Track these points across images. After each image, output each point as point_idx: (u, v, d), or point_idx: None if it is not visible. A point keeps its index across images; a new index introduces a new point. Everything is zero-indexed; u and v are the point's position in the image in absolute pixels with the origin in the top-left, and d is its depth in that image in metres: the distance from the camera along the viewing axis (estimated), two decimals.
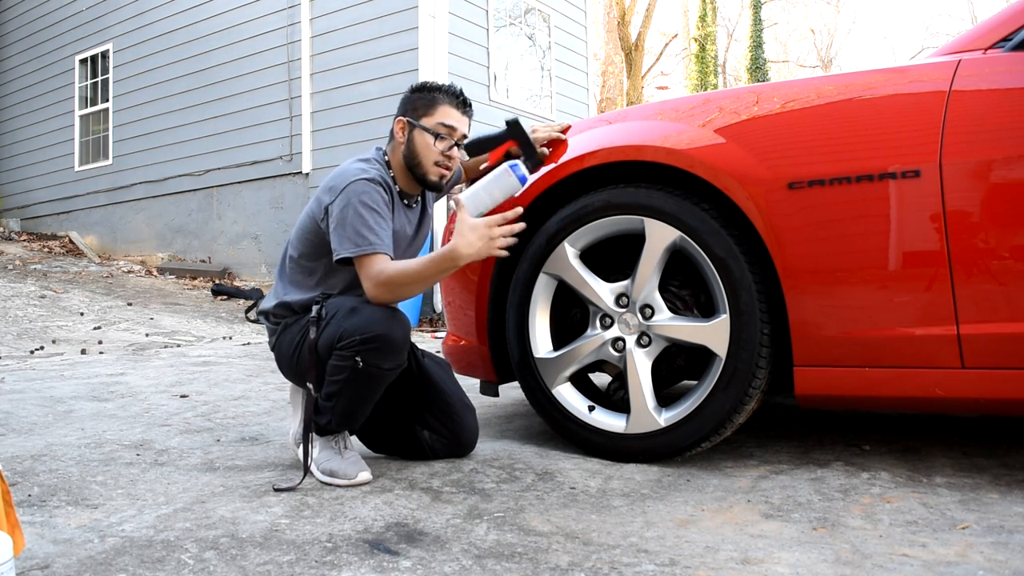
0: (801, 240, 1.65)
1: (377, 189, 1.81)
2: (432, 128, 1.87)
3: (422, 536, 1.42)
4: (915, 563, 1.26)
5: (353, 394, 1.77)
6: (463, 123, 1.91)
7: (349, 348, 1.71)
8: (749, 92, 1.85)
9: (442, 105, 1.89)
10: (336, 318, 1.75)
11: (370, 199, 1.78)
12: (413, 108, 1.91)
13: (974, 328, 1.52)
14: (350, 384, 1.74)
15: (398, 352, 1.74)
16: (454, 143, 1.89)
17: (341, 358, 1.72)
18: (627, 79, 19.64)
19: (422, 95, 1.91)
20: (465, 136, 1.93)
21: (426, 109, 1.89)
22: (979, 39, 1.66)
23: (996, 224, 1.51)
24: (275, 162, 7.75)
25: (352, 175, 1.81)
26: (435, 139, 1.87)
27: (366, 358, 1.71)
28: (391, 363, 1.74)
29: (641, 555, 1.31)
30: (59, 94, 10.06)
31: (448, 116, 1.88)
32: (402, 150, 1.90)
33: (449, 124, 1.88)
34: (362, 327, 1.70)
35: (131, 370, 3.72)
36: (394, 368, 1.76)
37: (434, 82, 1.96)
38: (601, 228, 1.94)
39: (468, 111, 1.94)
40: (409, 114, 1.91)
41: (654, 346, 1.88)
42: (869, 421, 2.35)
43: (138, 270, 8.40)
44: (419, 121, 1.88)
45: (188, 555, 1.33)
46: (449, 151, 1.88)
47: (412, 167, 1.89)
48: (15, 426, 2.41)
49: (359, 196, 1.77)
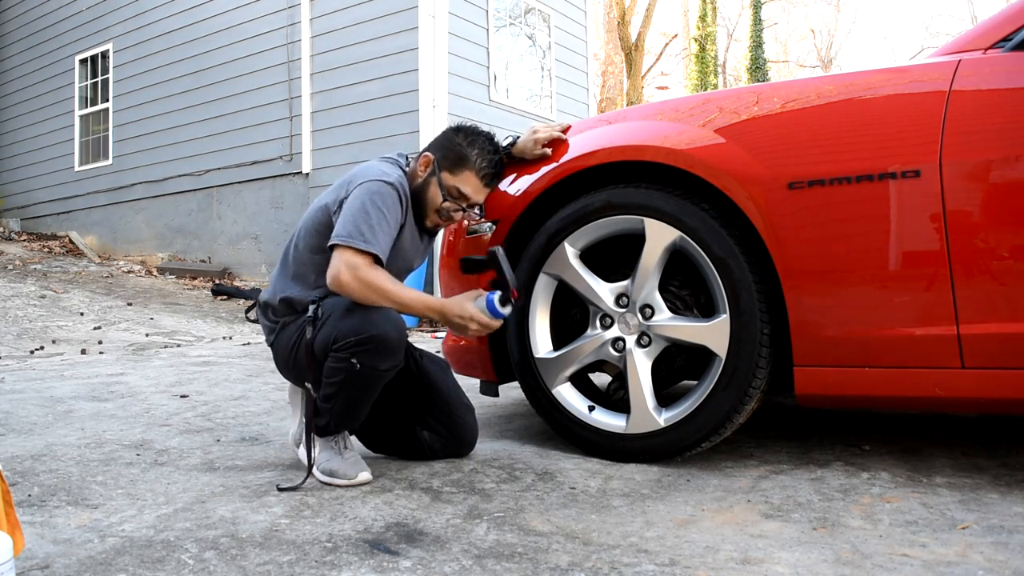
0: (801, 240, 1.65)
1: (393, 194, 1.80)
2: (447, 187, 1.87)
3: (422, 536, 1.42)
4: (915, 563, 1.26)
5: (350, 395, 1.77)
6: (480, 195, 1.92)
7: (345, 349, 1.70)
8: (749, 92, 1.85)
9: (468, 171, 1.87)
10: (332, 319, 1.74)
11: (382, 201, 1.78)
12: (444, 155, 1.89)
13: (974, 328, 1.52)
14: (347, 385, 1.74)
15: (394, 353, 1.74)
16: (461, 209, 1.90)
17: (337, 359, 1.72)
18: (627, 79, 19.64)
19: (458, 147, 1.89)
20: (477, 204, 1.94)
21: (452, 165, 1.88)
22: (979, 39, 1.65)
23: (996, 224, 1.51)
24: (275, 162, 7.75)
25: (373, 174, 1.81)
26: (444, 198, 1.87)
27: (362, 359, 1.70)
28: (387, 364, 1.74)
29: (641, 555, 1.31)
30: (59, 94, 10.06)
31: (467, 184, 1.88)
32: (417, 183, 1.90)
33: (464, 192, 1.88)
34: (357, 328, 1.69)
35: (131, 370, 3.72)
36: (390, 369, 1.76)
37: (477, 131, 1.92)
38: (601, 228, 1.94)
39: (492, 183, 1.94)
40: (438, 157, 1.89)
41: (654, 346, 1.88)
42: (869, 421, 2.35)
43: (138, 270, 8.40)
44: (441, 172, 1.88)
45: (188, 555, 1.33)
46: (454, 213, 1.90)
47: (415, 204, 1.90)
48: (15, 426, 2.41)
49: (372, 195, 1.77)
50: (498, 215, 2.10)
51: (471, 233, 2.16)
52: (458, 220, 1.94)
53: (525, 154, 2.09)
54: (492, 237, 2.09)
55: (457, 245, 2.22)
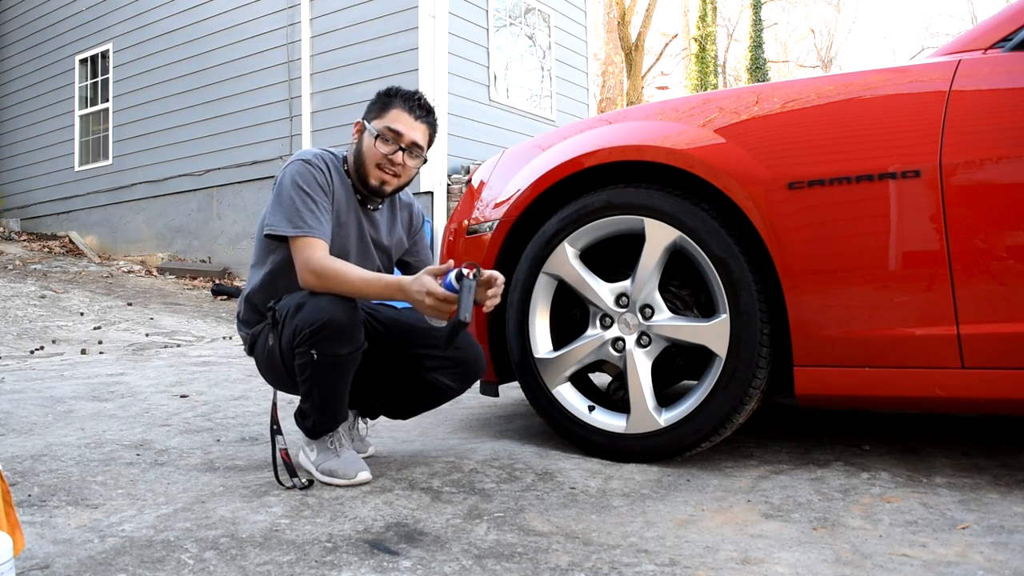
0: (801, 240, 1.65)
1: (312, 170, 1.79)
2: (379, 131, 1.82)
3: (422, 536, 1.42)
4: (915, 563, 1.26)
5: (322, 388, 1.75)
6: (415, 129, 1.83)
7: (303, 343, 1.69)
8: (749, 92, 1.85)
9: (394, 109, 1.83)
10: (288, 317, 1.73)
11: (303, 179, 1.77)
12: (369, 109, 1.88)
13: (974, 328, 1.52)
14: (315, 379, 1.73)
15: (349, 335, 1.69)
16: (399, 148, 1.82)
17: (300, 355, 1.71)
18: (627, 79, 19.65)
19: (380, 99, 1.88)
20: (415, 144, 1.84)
21: (379, 112, 1.85)
22: (979, 39, 1.65)
23: (996, 224, 1.50)
24: (275, 162, 7.75)
25: (293, 158, 1.83)
26: (377, 140, 1.82)
27: (320, 348, 1.68)
28: (346, 348, 1.70)
29: (641, 555, 1.31)
30: (59, 94, 10.07)
31: (397, 121, 1.82)
32: (353, 150, 1.89)
33: (396, 129, 1.81)
34: (309, 319, 1.67)
35: (131, 370, 3.72)
36: (351, 352, 1.71)
37: (398, 87, 1.90)
38: (601, 228, 1.94)
39: (425, 118, 1.85)
40: (365, 115, 1.89)
41: (654, 346, 1.88)
42: (869, 421, 2.35)
43: (138, 270, 8.40)
44: (370, 123, 1.85)
45: (188, 555, 1.33)
46: (393, 155, 1.82)
47: (358, 168, 1.86)
48: (15, 426, 2.41)
49: (293, 176, 1.78)
50: (498, 215, 2.10)
51: (471, 233, 2.16)
52: (400, 163, 1.83)
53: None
54: (492, 237, 2.10)
55: (457, 245, 2.22)
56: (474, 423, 2.48)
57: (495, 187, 2.18)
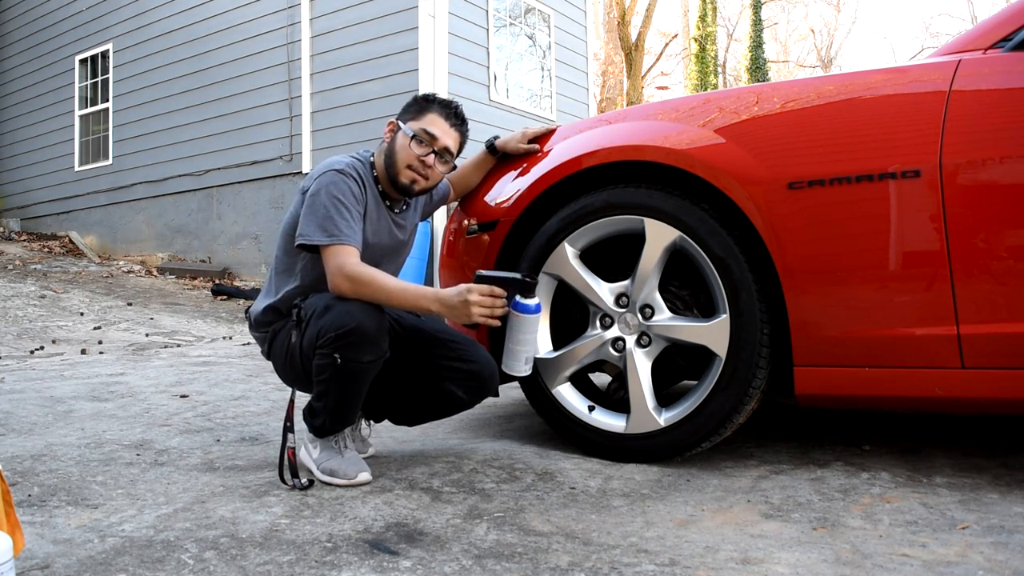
0: (801, 240, 1.65)
1: (346, 180, 1.80)
2: (415, 131, 1.86)
3: (422, 536, 1.42)
4: (915, 563, 1.26)
5: (339, 391, 1.75)
6: (448, 135, 1.89)
7: (327, 346, 1.69)
8: (749, 92, 1.85)
9: (431, 113, 1.89)
10: (314, 317, 1.74)
11: (337, 189, 1.78)
12: (405, 111, 1.92)
13: (974, 328, 1.52)
14: (334, 382, 1.73)
15: (374, 344, 1.71)
16: (432, 151, 1.87)
17: (321, 356, 1.71)
18: (627, 79, 19.65)
19: (417, 100, 1.93)
20: (447, 149, 1.89)
21: (415, 114, 1.90)
22: (979, 39, 1.66)
23: (996, 224, 1.51)
24: (275, 162, 7.75)
25: (324, 167, 1.84)
26: (412, 141, 1.85)
27: (344, 353, 1.69)
28: (369, 355, 1.71)
29: (641, 555, 1.32)
30: (59, 94, 10.06)
31: (433, 124, 1.87)
32: (384, 148, 1.91)
33: (431, 132, 1.86)
34: (336, 323, 1.68)
35: (131, 370, 3.72)
36: (374, 360, 1.73)
37: (436, 94, 1.96)
38: (601, 228, 1.94)
39: (459, 126, 1.92)
40: (400, 116, 1.92)
41: (654, 346, 1.88)
42: (869, 421, 2.35)
43: (138, 270, 8.40)
44: (406, 124, 1.89)
45: (188, 555, 1.33)
46: (425, 157, 1.86)
47: (388, 166, 1.88)
48: (15, 426, 2.41)
49: (327, 186, 1.78)
50: (497, 215, 2.10)
51: (471, 233, 2.16)
52: (431, 166, 1.87)
53: (507, 148, 2.11)
54: (492, 237, 2.09)
55: (457, 245, 2.22)
56: (474, 423, 2.48)
57: (495, 187, 2.18)
